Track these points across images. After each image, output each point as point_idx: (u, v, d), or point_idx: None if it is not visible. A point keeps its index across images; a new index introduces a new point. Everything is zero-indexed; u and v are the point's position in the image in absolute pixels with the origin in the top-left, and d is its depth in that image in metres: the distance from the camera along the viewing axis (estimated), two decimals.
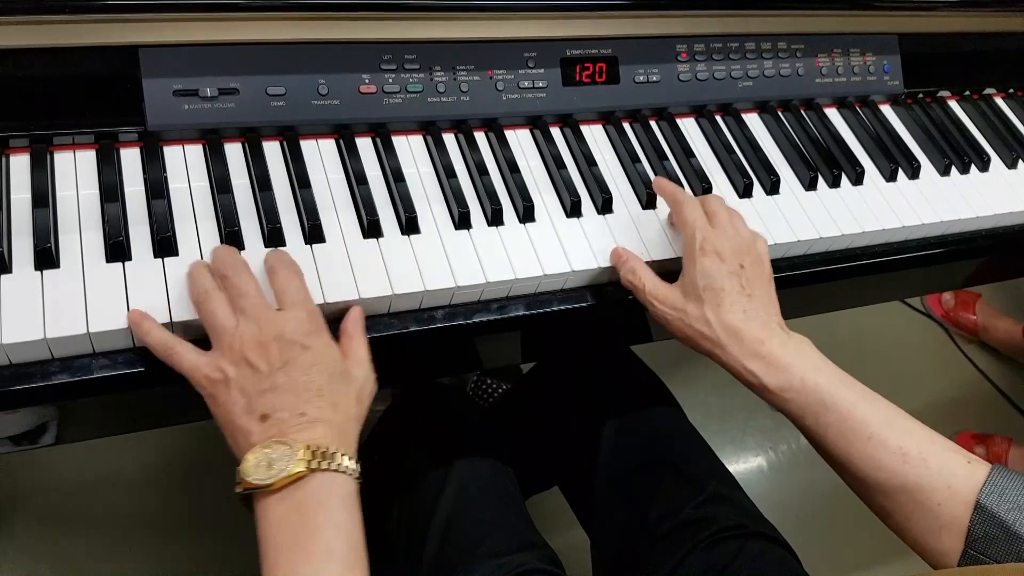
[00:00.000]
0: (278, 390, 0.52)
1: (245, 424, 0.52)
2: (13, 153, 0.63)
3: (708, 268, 0.63)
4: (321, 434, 0.52)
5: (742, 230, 0.67)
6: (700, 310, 0.62)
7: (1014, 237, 0.90)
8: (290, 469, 0.50)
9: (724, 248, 0.63)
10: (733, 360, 0.61)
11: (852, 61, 0.90)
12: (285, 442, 0.51)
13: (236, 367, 0.53)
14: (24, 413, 0.63)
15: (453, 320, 0.66)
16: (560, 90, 0.78)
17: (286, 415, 0.52)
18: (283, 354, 0.53)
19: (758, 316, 0.62)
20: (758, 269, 0.64)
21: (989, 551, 0.52)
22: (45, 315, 0.55)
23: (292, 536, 0.49)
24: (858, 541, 1.45)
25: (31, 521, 1.25)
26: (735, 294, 0.62)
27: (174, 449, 1.35)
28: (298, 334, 0.54)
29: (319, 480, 0.51)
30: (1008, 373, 1.85)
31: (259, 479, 0.50)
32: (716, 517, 0.76)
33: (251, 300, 0.55)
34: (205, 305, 0.55)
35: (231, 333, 0.54)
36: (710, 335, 0.62)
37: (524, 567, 0.72)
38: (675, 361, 1.53)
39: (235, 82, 0.67)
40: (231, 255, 0.59)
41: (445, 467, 0.80)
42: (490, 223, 0.70)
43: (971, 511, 0.53)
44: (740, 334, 0.61)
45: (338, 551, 0.49)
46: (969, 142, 0.93)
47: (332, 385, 0.54)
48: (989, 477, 0.54)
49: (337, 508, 0.51)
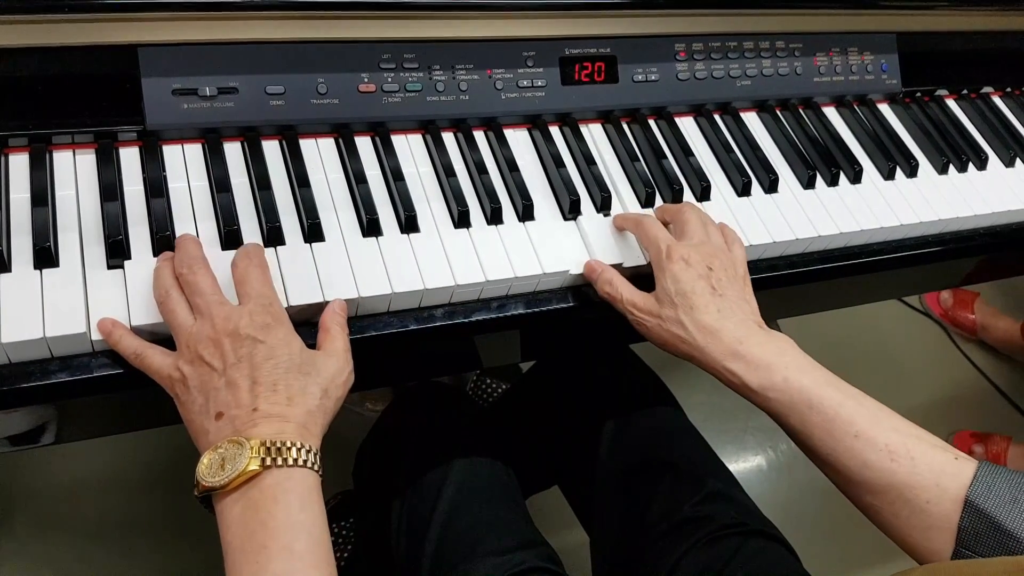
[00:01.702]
0: (232, 387, 0.52)
1: (202, 423, 0.52)
2: (12, 152, 0.63)
3: (676, 273, 0.63)
4: (275, 429, 0.51)
5: (713, 236, 0.68)
6: (675, 314, 0.62)
7: (1012, 235, 0.90)
8: (242, 467, 0.49)
9: (690, 254, 0.64)
10: (712, 361, 0.61)
11: (850, 60, 0.91)
12: (237, 440, 0.50)
13: (191, 366, 0.53)
14: (24, 412, 0.63)
15: (453, 319, 0.67)
16: (559, 89, 0.78)
17: (239, 412, 0.51)
18: (236, 350, 0.53)
19: (733, 315, 0.62)
20: (730, 271, 0.65)
21: (980, 548, 0.52)
22: (44, 314, 0.55)
23: (251, 537, 0.48)
24: (857, 540, 1.44)
25: (31, 524, 1.25)
26: (707, 295, 0.62)
27: (175, 452, 1.34)
28: (252, 328, 0.53)
29: (274, 476, 0.50)
30: (1007, 372, 1.86)
31: (213, 480, 0.49)
32: (715, 515, 0.76)
33: (205, 297, 0.55)
34: (166, 304, 0.55)
35: (187, 332, 0.54)
36: (687, 338, 0.62)
37: (524, 565, 0.72)
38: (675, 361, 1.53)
39: (234, 81, 0.67)
40: (189, 249, 0.58)
41: (445, 466, 0.80)
42: (489, 222, 0.70)
43: (960, 509, 0.53)
44: (716, 334, 0.61)
45: (299, 550, 0.48)
46: (967, 141, 0.93)
47: (289, 378, 0.53)
48: (977, 474, 0.53)
49: (296, 505, 0.50)
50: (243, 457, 0.49)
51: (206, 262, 0.57)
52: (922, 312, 1.94)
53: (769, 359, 0.60)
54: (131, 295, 0.58)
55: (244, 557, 0.48)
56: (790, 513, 1.48)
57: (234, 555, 0.49)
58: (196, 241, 0.60)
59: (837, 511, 1.45)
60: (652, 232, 0.67)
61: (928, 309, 1.93)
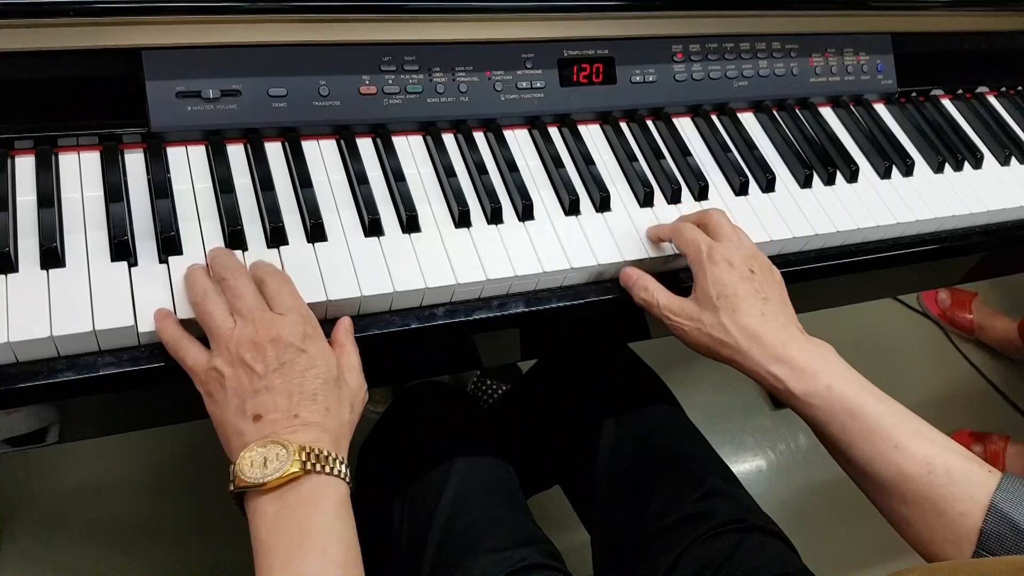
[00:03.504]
0: (272, 391, 0.53)
1: (238, 424, 0.53)
2: (19, 155, 0.64)
3: (719, 276, 0.63)
4: (315, 437, 0.52)
5: (746, 241, 0.68)
6: (716, 318, 0.62)
7: (1008, 233, 0.90)
8: (286, 469, 0.50)
9: (733, 256, 0.64)
10: (756, 365, 0.61)
11: (846, 61, 0.91)
12: (281, 442, 0.51)
13: (232, 367, 0.53)
14: (29, 412, 0.64)
15: (454, 317, 0.67)
16: (558, 90, 0.79)
17: (279, 416, 0.52)
18: (279, 356, 0.53)
19: (776, 319, 0.62)
20: (769, 275, 0.65)
21: (999, 551, 0.52)
22: (51, 313, 0.56)
23: (286, 537, 0.49)
24: (857, 540, 1.45)
25: (33, 526, 1.25)
26: (750, 298, 0.62)
27: (176, 454, 1.35)
28: (295, 337, 0.54)
29: (314, 482, 0.51)
30: (1005, 371, 1.86)
31: (254, 477, 0.50)
32: (715, 511, 0.77)
33: (248, 302, 0.55)
34: (203, 306, 0.56)
35: (228, 334, 0.54)
36: (729, 342, 0.62)
37: (525, 562, 0.72)
38: (675, 361, 1.54)
39: (237, 84, 0.68)
40: (229, 258, 0.59)
41: (446, 465, 0.81)
42: (490, 221, 0.71)
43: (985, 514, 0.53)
44: (760, 338, 0.61)
45: (334, 554, 0.49)
46: (962, 140, 0.94)
47: (327, 390, 0.54)
48: (1003, 479, 0.54)
49: (332, 511, 0.51)
50: (287, 459, 0.50)
51: (245, 270, 0.58)
52: (920, 312, 1.94)
53: (814, 366, 0.59)
54: (137, 294, 0.59)
55: (277, 557, 0.49)
56: (789, 512, 1.48)
57: (266, 553, 0.49)
58: (232, 253, 0.61)
59: (835, 511, 1.47)
60: (691, 235, 0.67)
61: (926, 309, 1.93)
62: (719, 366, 0.66)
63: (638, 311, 0.70)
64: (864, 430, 0.58)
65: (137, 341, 0.59)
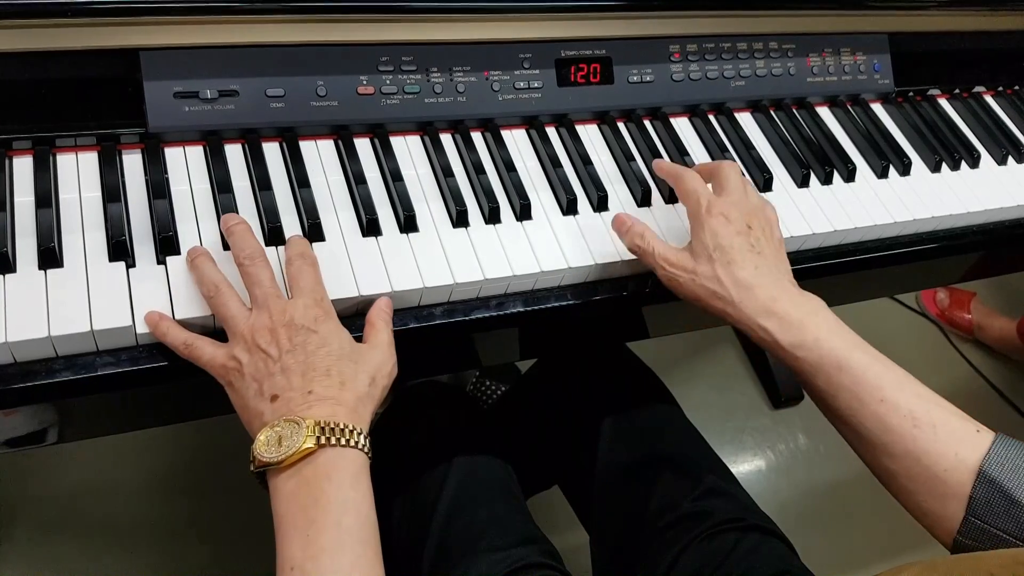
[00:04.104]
0: (287, 372, 0.54)
1: (257, 406, 0.54)
2: (16, 155, 0.64)
3: (716, 228, 0.63)
4: (329, 411, 0.53)
5: (751, 195, 0.68)
6: (712, 269, 0.63)
7: (1005, 233, 0.91)
8: (299, 445, 0.51)
9: (730, 210, 0.64)
10: (746, 318, 0.61)
11: (843, 60, 0.92)
12: (294, 419, 0.52)
13: (249, 354, 0.55)
14: (26, 413, 0.64)
15: (452, 317, 0.67)
16: (555, 90, 0.79)
17: (294, 395, 0.54)
18: (292, 338, 0.55)
19: (770, 273, 0.62)
20: (767, 231, 0.65)
21: (989, 518, 0.53)
22: (49, 313, 0.56)
23: (303, 511, 0.50)
24: (855, 540, 1.45)
25: (32, 527, 1.25)
26: (745, 251, 0.63)
27: (176, 454, 1.35)
28: (307, 320, 0.56)
29: (328, 455, 0.52)
30: (1003, 371, 1.86)
31: (270, 456, 0.51)
32: (713, 510, 0.77)
33: (264, 289, 0.57)
34: (217, 299, 0.57)
35: (243, 322, 0.56)
36: (722, 293, 0.62)
37: (524, 561, 0.73)
38: (674, 361, 1.54)
39: (235, 84, 0.68)
40: (251, 241, 0.60)
41: (445, 465, 0.81)
42: (487, 221, 0.71)
43: (975, 478, 0.53)
44: (753, 289, 0.61)
45: (349, 525, 0.50)
46: (959, 139, 0.94)
47: (341, 365, 0.56)
48: (993, 444, 0.54)
49: (347, 483, 0.52)
50: (300, 435, 0.51)
51: (265, 255, 0.60)
52: (918, 312, 1.95)
53: (802, 318, 0.60)
54: (135, 294, 0.59)
55: (295, 531, 0.50)
56: (788, 512, 1.48)
57: (285, 528, 0.50)
58: (252, 232, 0.61)
59: (835, 511, 1.47)
60: (691, 185, 0.67)
61: (924, 309, 1.94)
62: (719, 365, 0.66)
63: (637, 311, 0.70)
64: (850, 382, 0.58)
65: (135, 341, 0.59)
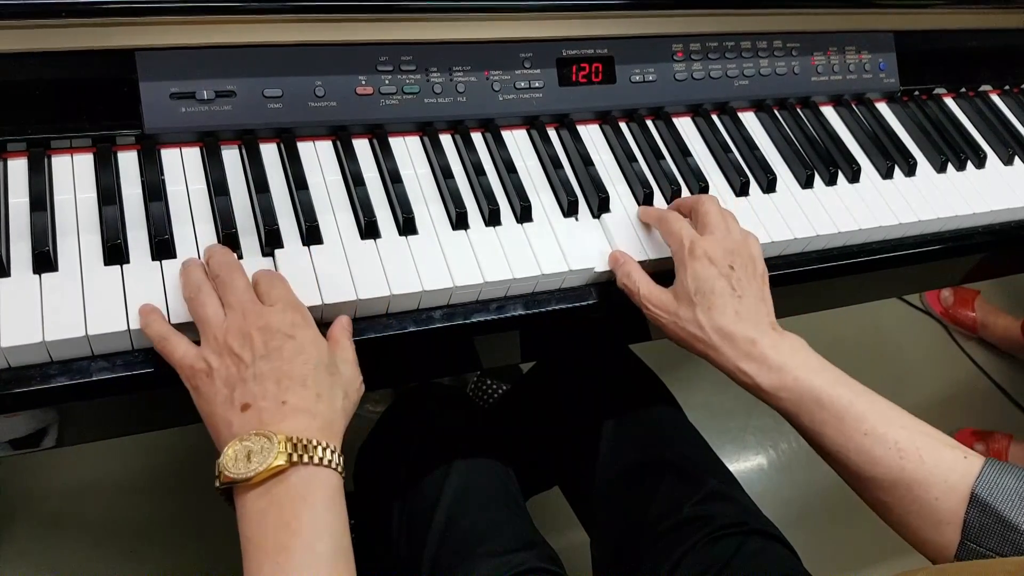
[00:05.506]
0: (260, 378, 0.52)
1: (226, 415, 0.52)
2: (11, 157, 0.63)
3: (698, 271, 0.63)
4: (304, 425, 0.51)
5: (734, 230, 0.67)
6: (692, 313, 0.63)
7: (1011, 233, 0.90)
8: (270, 462, 0.48)
9: (714, 251, 0.64)
10: (727, 361, 0.62)
11: (848, 59, 0.91)
12: (265, 434, 0.49)
13: (219, 357, 0.53)
14: (24, 416, 0.63)
15: (451, 320, 0.67)
16: (556, 90, 0.78)
17: (267, 404, 0.51)
18: (267, 343, 0.53)
19: (750, 317, 0.62)
20: (750, 269, 0.65)
21: (985, 542, 0.53)
22: (44, 318, 0.55)
23: (273, 534, 0.48)
24: (857, 540, 1.44)
25: (32, 527, 1.25)
26: (726, 296, 0.62)
27: (175, 454, 1.35)
28: (283, 325, 0.54)
29: (301, 474, 0.49)
30: (1007, 369, 1.85)
31: (238, 472, 0.48)
32: (715, 514, 0.77)
33: (238, 294, 0.55)
34: (196, 299, 0.56)
35: (217, 325, 0.54)
36: (703, 338, 0.62)
37: (524, 566, 0.72)
38: (675, 361, 1.53)
39: (232, 84, 0.67)
40: (225, 254, 0.59)
41: (445, 468, 0.80)
42: (487, 223, 0.70)
43: (967, 504, 0.53)
44: (732, 336, 0.61)
45: (321, 551, 0.48)
46: (965, 139, 0.93)
47: (318, 375, 0.53)
48: (983, 469, 0.54)
49: (320, 505, 0.50)
50: (271, 452, 0.49)
51: (240, 266, 0.58)
52: (923, 311, 1.94)
53: (781, 360, 0.60)
54: (130, 298, 0.58)
55: (265, 554, 0.48)
56: (790, 513, 1.48)
57: (254, 551, 0.48)
58: (229, 250, 0.61)
59: (837, 511, 1.46)
60: (675, 226, 0.67)
61: (929, 307, 1.93)
62: None
63: (638, 313, 0.69)
64: (833, 418, 0.58)
65: (131, 345, 0.58)
